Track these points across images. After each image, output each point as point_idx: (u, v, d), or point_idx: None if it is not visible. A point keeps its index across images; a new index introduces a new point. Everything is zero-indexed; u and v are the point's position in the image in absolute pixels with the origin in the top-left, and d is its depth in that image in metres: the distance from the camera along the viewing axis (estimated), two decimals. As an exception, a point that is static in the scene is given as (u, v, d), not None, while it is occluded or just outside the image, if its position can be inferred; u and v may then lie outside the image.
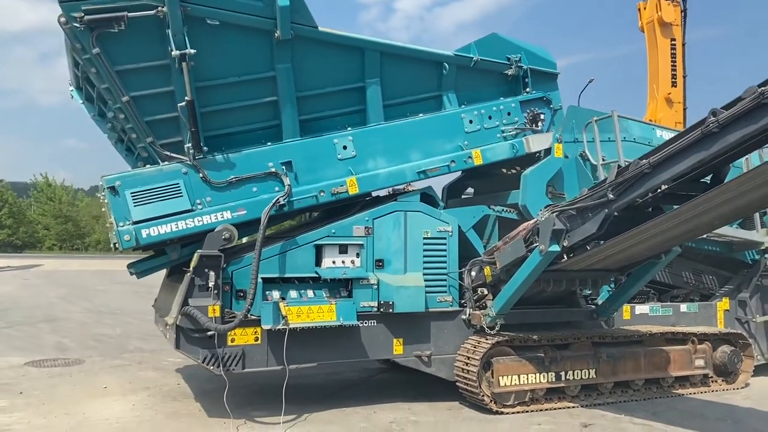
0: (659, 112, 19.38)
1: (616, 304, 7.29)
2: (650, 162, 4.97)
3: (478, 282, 6.98)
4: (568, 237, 5.82)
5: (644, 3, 20.16)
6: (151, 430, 5.90)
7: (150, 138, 6.01)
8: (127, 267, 7.27)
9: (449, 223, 7.03)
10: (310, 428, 6.00)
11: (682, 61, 19.74)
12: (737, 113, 4.27)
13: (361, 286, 6.54)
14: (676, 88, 19.67)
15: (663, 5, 19.45)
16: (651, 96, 19.99)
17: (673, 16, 19.55)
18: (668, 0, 19.48)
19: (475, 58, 7.28)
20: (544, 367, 6.83)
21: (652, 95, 20.01)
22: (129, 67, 5.75)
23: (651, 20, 19.76)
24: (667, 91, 19.55)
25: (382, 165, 6.84)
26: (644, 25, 20.16)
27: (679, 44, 19.75)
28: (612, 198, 5.34)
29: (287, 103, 6.41)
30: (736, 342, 7.96)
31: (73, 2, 5.34)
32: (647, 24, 20.01)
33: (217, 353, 5.98)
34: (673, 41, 19.71)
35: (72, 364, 8.81)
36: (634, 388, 7.33)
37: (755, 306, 8.53)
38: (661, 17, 19.45)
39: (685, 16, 19.91)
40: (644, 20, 20.10)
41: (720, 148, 4.47)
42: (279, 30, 5.98)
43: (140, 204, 5.88)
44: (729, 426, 6.23)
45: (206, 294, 5.95)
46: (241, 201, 6.23)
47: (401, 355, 6.73)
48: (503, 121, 7.46)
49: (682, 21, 19.84)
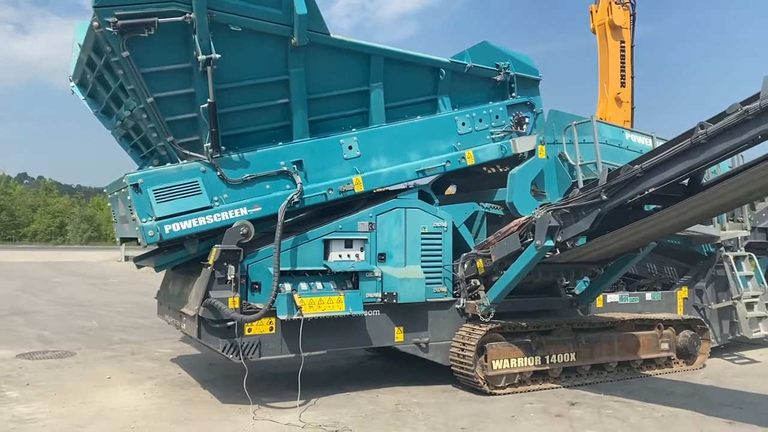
0: (609, 111, 20.36)
1: (594, 293, 7.98)
2: (642, 167, 5.58)
3: (470, 274, 7.51)
4: (561, 233, 6.40)
5: (596, 6, 21.09)
6: (172, 416, 6.18)
7: (170, 137, 6.26)
8: (134, 260, 7.48)
9: (444, 219, 7.53)
10: (324, 411, 6.40)
11: (630, 62, 20.80)
12: (724, 127, 4.90)
13: (367, 279, 6.97)
14: (625, 88, 20.71)
15: (614, 8, 20.42)
16: (601, 95, 20.98)
17: (623, 20, 20.56)
18: (618, 4, 20.53)
19: (469, 64, 7.78)
20: (532, 351, 7.43)
21: (603, 94, 21.01)
22: (154, 70, 5.98)
23: (602, 23, 20.71)
24: (617, 91, 20.56)
25: (384, 164, 7.27)
26: (596, 27, 21.11)
27: (628, 46, 20.79)
28: (605, 198, 5.95)
29: (298, 105, 6.75)
30: (695, 327, 8.78)
31: (107, 7, 5.55)
32: (598, 26, 20.96)
33: (236, 342, 6.31)
34: (622, 43, 20.73)
35: (64, 356, 8.91)
36: (608, 370, 8.03)
37: (710, 294, 9.39)
38: (612, 20, 20.41)
39: (633, 20, 21.00)
40: (596, 22, 21.04)
41: (707, 156, 5.10)
42: (296, 36, 6.31)
43: (162, 201, 6.14)
44: (696, 401, 6.96)
45: (225, 286, 6.27)
46: (255, 198, 6.56)
47: (402, 342, 7.21)
48: (492, 123, 8.00)
49: (631, 25, 20.92)
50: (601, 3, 20.85)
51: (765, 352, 9.87)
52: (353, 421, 6.07)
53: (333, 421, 6.04)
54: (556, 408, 6.67)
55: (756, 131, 4.79)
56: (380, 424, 6.03)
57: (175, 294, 7.17)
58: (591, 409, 6.62)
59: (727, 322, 9.52)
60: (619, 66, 20.65)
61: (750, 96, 4.89)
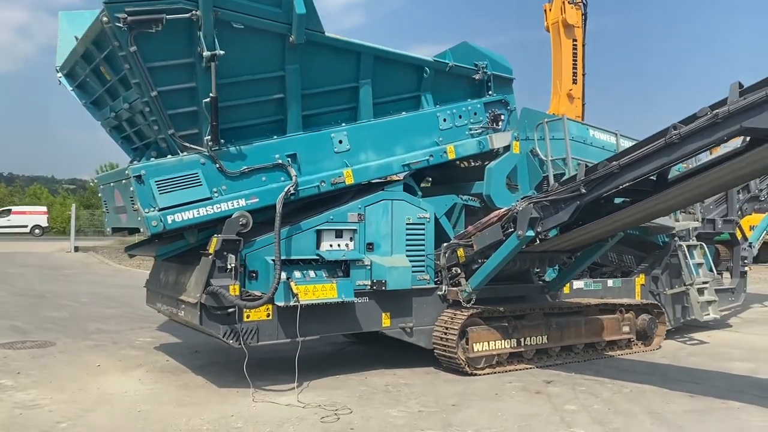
0: (561, 106, 21.19)
1: (564, 280, 8.55)
2: (620, 164, 6.10)
3: (452, 262, 7.95)
4: (541, 224, 6.90)
5: (550, 5, 21.90)
6: (174, 400, 6.41)
7: (171, 130, 6.44)
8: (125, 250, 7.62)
9: (427, 211, 7.94)
10: (319, 393, 6.73)
11: (582, 60, 21.72)
12: (695, 128, 5.46)
13: (357, 267, 7.31)
14: (577, 85, 21.63)
15: (567, 8, 21.26)
16: (554, 91, 21.84)
17: (575, 19, 21.43)
18: (571, 3, 21.35)
19: (451, 63, 8.19)
20: (508, 334, 7.93)
21: (555, 91, 21.87)
22: (158, 65, 6.16)
23: (556, 21, 21.54)
24: (569, 88, 21.45)
25: (372, 158, 7.62)
26: (549, 26, 21.94)
27: (580, 45, 21.68)
28: (584, 192, 6.46)
29: (293, 100, 7.02)
30: (653, 311, 9.47)
31: (118, 3, 5.70)
32: (552, 25, 21.79)
33: (235, 328, 6.57)
34: (574, 42, 21.61)
35: (46, 346, 8.94)
36: (576, 351, 8.61)
37: (665, 281, 10.12)
38: (565, 19, 21.26)
39: (585, 19, 21.89)
40: (549, 21, 21.86)
41: (680, 155, 5.66)
42: (294, 34, 6.58)
43: (165, 192, 6.33)
44: (658, 378, 7.59)
45: (225, 275, 6.52)
46: (253, 190, 6.81)
47: (389, 327, 7.60)
48: (471, 120, 8.45)
49: (583, 24, 21.80)
50: (555, 2, 21.67)
51: (712, 334, 10.68)
52: (349, 401, 6.42)
53: (331, 402, 6.38)
54: (534, 386, 7.18)
55: (723, 133, 5.35)
56: (375, 403, 6.40)
57: (170, 283, 7.35)
58: (566, 386, 7.16)
59: (679, 306, 10.28)
60: (571, 63, 21.53)
61: (718, 101, 5.46)
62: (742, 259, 11.44)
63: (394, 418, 5.95)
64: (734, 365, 8.40)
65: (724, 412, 6.25)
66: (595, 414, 6.13)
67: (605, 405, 6.43)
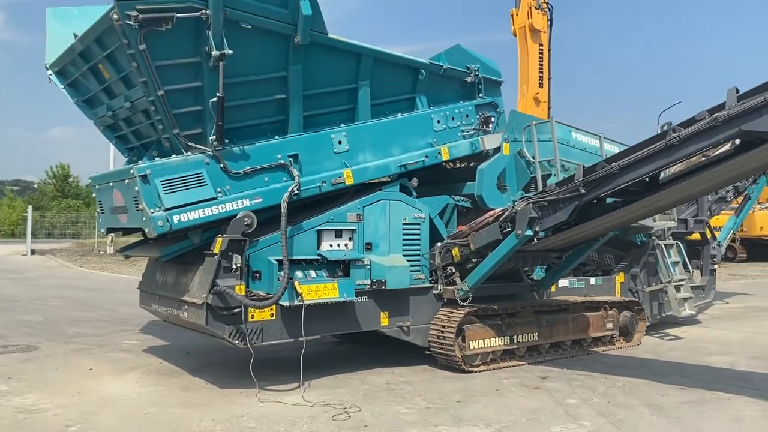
0: (528, 109, 21.60)
1: (554, 278, 8.77)
2: (619, 165, 6.32)
3: (446, 261, 8.08)
4: (539, 223, 7.08)
5: (517, 10, 22.31)
6: (178, 402, 6.35)
7: (176, 129, 6.39)
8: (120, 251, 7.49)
9: (422, 211, 8.05)
10: (323, 392, 6.76)
11: (548, 64, 22.20)
12: (695, 131, 5.71)
13: (357, 266, 7.37)
14: (543, 88, 22.08)
15: (534, 13, 21.71)
16: (521, 95, 22.24)
17: (542, 24, 21.89)
18: (538, 9, 21.82)
19: (445, 66, 8.33)
20: (502, 332, 8.10)
21: (522, 94, 22.27)
22: (166, 63, 6.11)
23: (523, 26, 21.95)
24: (535, 91, 21.89)
25: (370, 158, 7.69)
26: (516, 30, 22.34)
27: (546, 49, 22.15)
28: (583, 192, 6.66)
29: (295, 101, 7.04)
30: (633, 308, 9.79)
31: (129, 1, 5.63)
32: (519, 29, 22.19)
33: (241, 328, 6.56)
34: (540, 46, 22.07)
35: (29, 350, 8.71)
36: (564, 348, 8.85)
37: (644, 279, 10.48)
38: (532, 24, 21.68)
39: (551, 24, 22.39)
40: (516, 26, 22.26)
41: (679, 156, 5.91)
42: (299, 35, 6.60)
43: (170, 192, 6.28)
44: (646, 372, 7.87)
45: (231, 275, 6.50)
46: (256, 190, 6.80)
47: (387, 326, 7.67)
48: (463, 122, 8.60)
49: (549, 29, 22.29)
50: (522, 7, 22.09)
51: (686, 330, 11.09)
52: (356, 399, 6.48)
53: (338, 400, 6.43)
54: (530, 382, 7.36)
55: (722, 135, 5.61)
56: (381, 401, 6.47)
57: (169, 284, 7.26)
58: (561, 381, 7.36)
59: (656, 303, 10.65)
60: (537, 68, 21.97)
61: (716, 105, 5.72)
62: (711, 257, 11.91)
63: (404, 414, 6.03)
64: (713, 359, 8.76)
65: (716, 403, 6.53)
66: (596, 407, 6.33)
67: (604, 398, 6.64)
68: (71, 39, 7.57)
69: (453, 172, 9.44)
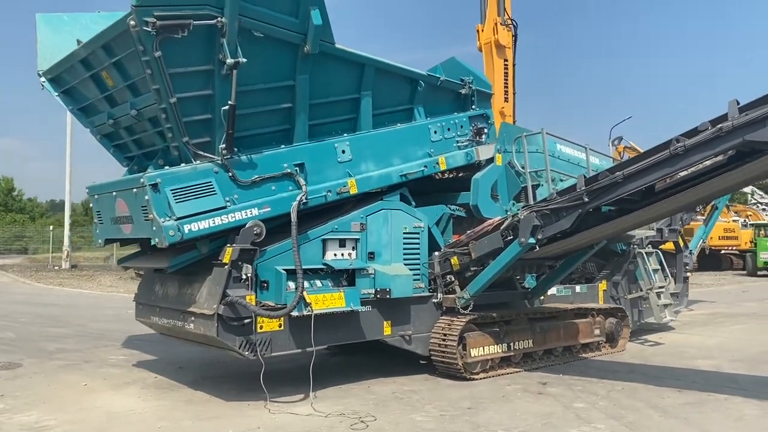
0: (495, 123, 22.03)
1: (548, 286, 8.95)
2: (624, 173, 6.53)
3: (445, 270, 8.15)
4: (542, 231, 7.23)
5: (482, 25, 22.76)
6: (188, 416, 6.21)
7: (186, 138, 6.30)
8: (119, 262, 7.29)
9: (422, 220, 8.12)
10: (332, 402, 6.72)
11: (512, 79, 22.67)
12: (700, 141, 5.95)
13: (362, 276, 7.38)
14: (508, 103, 22.51)
15: (499, 29, 22.18)
16: (487, 109, 22.65)
17: (507, 40, 22.36)
18: (503, 25, 22.30)
19: (442, 78, 8.45)
20: (500, 339, 8.21)
21: (488, 108, 22.69)
22: (179, 71, 6.02)
23: (488, 42, 22.36)
24: (501, 106, 22.29)
25: (372, 168, 7.72)
26: (482, 46, 22.78)
27: (511, 64, 22.61)
28: (587, 201, 6.84)
29: (301, 110, 7.03)
30: (617, 315, 10.05)
31: (148, 7, 5.54)
32: (485, 45, 22.59)
33: (251, 339, 6.47)
34: (506, 62, 22.53)
35: (13, 368, 8.36)
36: (556, 354, 9.02)
37: (625, 286, 10.78)
38: (498, 40, 22.14)
39: (515, 40, 22.89)
40: (482, 41, 22.66)
41: (683, 165, 6.14)
42: (309, 45, 6.61)
43: (181, 201, 6.18)
44: (640, 376, 8.08)
45: (240, 285, 6.42)
46: (264, 199, 6.74)
47: (389, 336, 7.68)
48: (458, 132, 8.72)
49: (513, 44, 22.80)
50: (488, 23, 22.52)
51: (663, 336, 11.44)
52: (368, 409, 6.46)
53: (350, 410, 6.40)
54: (532, 388, 7.47)
55: (726, 145, 5.87)
56: (393, 409, 6.47)
57: (171, 295, 7.11)
58: (562, 387, 7.50)
59: (636, 310, 10.96)
60: (503, 82, 22.38)
61: (717, 117, 5.98)
62: (684, 265, 12.34)
63: (420, 422, 6.05)
64: (698, 362, 9.07)
65: (716, 404, 6.77)
66: (604, 410, 6.48)
67: (609, 402, 6.80)
68: (65, 45, 7.42)
69: (440, 182, 9.55)
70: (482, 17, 22.75)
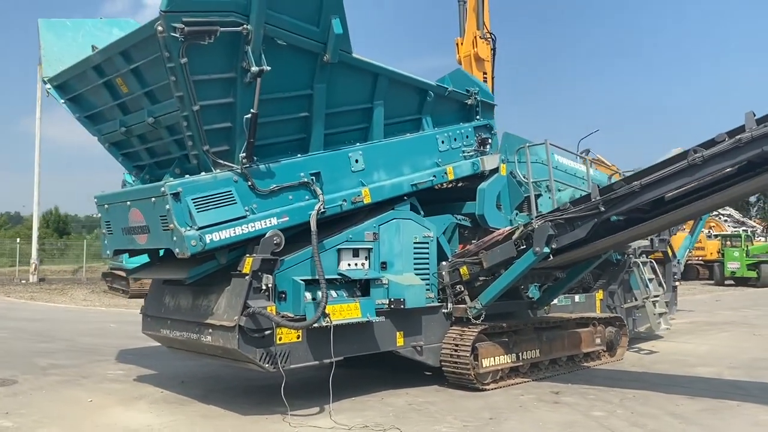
0: (474, 135, 22.20)
1: (553, 296, 9.00)
2: (641, 183, 6.62)
3: (455, 280, 8.14)
4: (556, 240, 7.29)
5: (461, 39, 22.99)
6: (207, 431, 6.06)
7: (206, 146, 6.19)
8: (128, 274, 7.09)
9: (431, 230, 8.11)
10: (351, 414, 6.62)
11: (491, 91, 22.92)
12: (719, 152, 6.08)
13: (376, 286, 7.32)
14: (488, 114, 22.79)
15: (479, 42, 22.44)
16: (467, 120, 22.84)
17: (486, 53, 22.64)
18: (483, 38, 22.56)
19: (450, 88, 8.48)
20: (510, 349, 8.22)
21: (468, 120, 22.88)
22: (202, 78, 5.92)
23: (468, 55, 22.59)
24: (480, 117, 22.55)
25: (384, 177, 7.69)
26: (461, 59, 22.98)
27: (490, 77, 22.85)
28: (603, 210, 6.92)
29: (318, 119, 6.98)
30: (616, 324, 10.17)
31: (176, 13, 5.44)
32: (464, 57, 22.76)
33: (271, 351, 6.35)
34: (484, 74, 22.76)
35: (9, 384, 8.05)
36: (560, 364, 9.06)
37: (621, 295, 10.92)
38: (477, 53, 22.40)
39: (494, 53, 23.18)
40: (461, 54, 22.88)
41: (700, 176, 6.26)
42: (329, 54, 6.57)
43: (202, 210, 6.05)
44: (646, 385, 8.16)
45: (261, 296, 6.31)
46: (282, 208, 6.65)
47: (402, 347, 7.62)
48: (464, 142, 8.75)
49: (492, 58, 23.07)
50: (467, 37, 22.76)
51: (655, 344, 11.61)
52: (389, 421, 6.39)
53: (373, 422, 6.32)
54: (546, 397, 7.49)
55: (745, 156, 6.01)
56: (415, 421, 6.41)
57: (184, 307, 6.94)
58: (575, 396, 7.53)
59: (631, 319, 11.11)
60: (482, 95, 22.59)
61: (736, 127, 6.12)
62: (672, 275, 12.57)
63: (446, 433, 6.00)
64: (698, 370, 9.22)
65: (730, 410, 6.87)
66: (624, 418, 6.53)
67: (625, 410, 6.85)
68: (69, 51, 7.26)
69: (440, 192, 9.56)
70: (461, 31, 22.98)
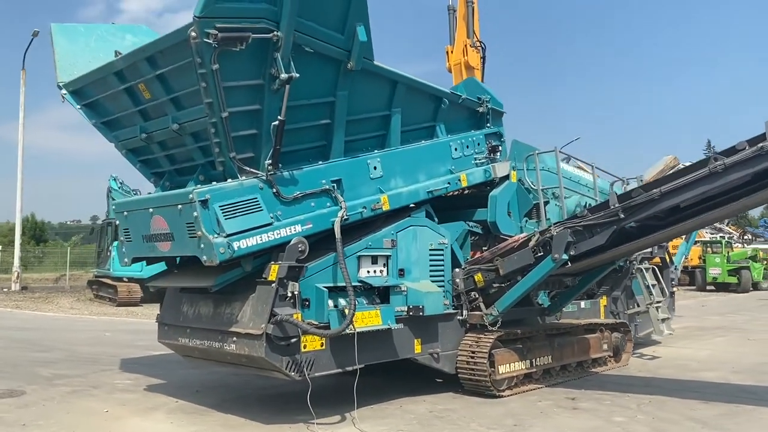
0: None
1: (565, 302, 9.07)
2: (661, 191, 6.71)
3: (469, 287, 8.17)
4: (575, 247, 7.35)
5: (452, 47, 23.13)
6: (234, 441, 6.00)
7: (233, 153, 6.15)
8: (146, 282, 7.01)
9: (445, 237, 8.14)
10: (373, 423, 6.59)
11: (482, 99, 23.11)
12: (740, 159, 6.19)
13: (395, 293, 7.32)
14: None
15: (469, 51, 22.60)
16: (457, 128, 22.95)
17: (476, 61, 22.80)
18: (473, 47, 22.73)
19: (463, 96, 8.54)
20: (524, 356, 8.26)
21: (458, 127, 23.00)
22: (232, 84, 5.89)
23: (458, 63, 22.73)
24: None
25: (401, 184, 7.70)
26: (452, 67, 23.14)
27: (480, 85, 23.10)
28: (622, 217, 7.00)
29: (339, 126, 6.97)
30: (621, 329, 10.27)
31: (210, 19, 5.41)
32: (454, 66, 22.92)
33: (296, 359, 6.31)
34: (475, 82, 22.97)
35: (18, 395, 7.88)
36: (569, 370, 9.13)
37: (624, 301, 11.04)
38: (467, 61, 22.54)
39: (484, 62, 23.35)
40: (452, 62, 23.02)
41: (721, 183, 6.37)
42: (353, 61, 6.58)
43: (230, 217, 6.01)
44: (658, 390, 8.26)
45: (286, 303, 6.27)
46: (306, 215, 6.63)
47: (419, 354, 7.62)
48: (475, 150, 8.81)
49: (482, 66, 23.25)
50: (457, 45, 22.93)
51: (656, 349, 11.75)
52: (414, 428, 6.39)
53: (396, 430, 6.30)
54: (563, 403, 7.53)
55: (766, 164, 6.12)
56: (440, 428, 6.41)
57: (205, 315, 6.86)
58: (592, 401, 7.59)
59: (633, 325, 11.22)
60: (472, 102, 22.74)
61: (756, 136, 6.24)
62: (670, 280, 12.74)
63: (475, 440, 6.01)
64: (704, 375, 9.34)
65: (746, 414, 6.98)
66: (645, 423, 6.59)
67: (645, 415, 6.91)
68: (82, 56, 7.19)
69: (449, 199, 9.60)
70: (451, 39, 23.12)
